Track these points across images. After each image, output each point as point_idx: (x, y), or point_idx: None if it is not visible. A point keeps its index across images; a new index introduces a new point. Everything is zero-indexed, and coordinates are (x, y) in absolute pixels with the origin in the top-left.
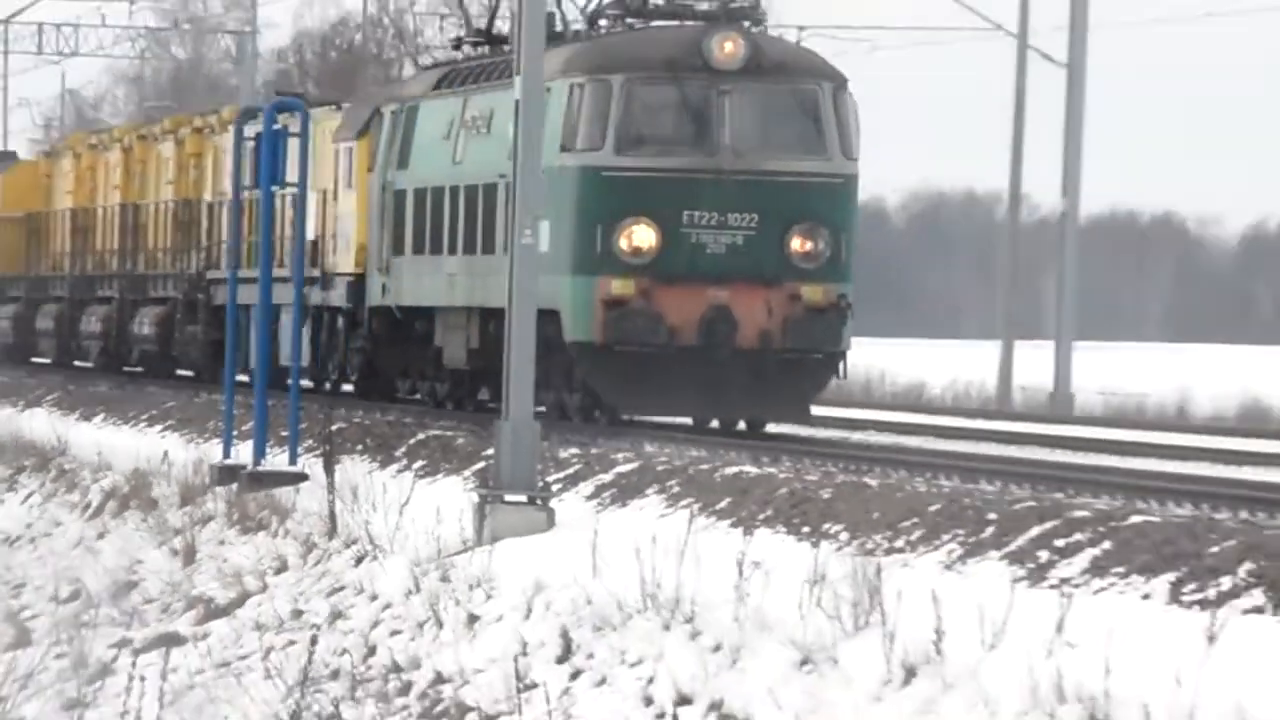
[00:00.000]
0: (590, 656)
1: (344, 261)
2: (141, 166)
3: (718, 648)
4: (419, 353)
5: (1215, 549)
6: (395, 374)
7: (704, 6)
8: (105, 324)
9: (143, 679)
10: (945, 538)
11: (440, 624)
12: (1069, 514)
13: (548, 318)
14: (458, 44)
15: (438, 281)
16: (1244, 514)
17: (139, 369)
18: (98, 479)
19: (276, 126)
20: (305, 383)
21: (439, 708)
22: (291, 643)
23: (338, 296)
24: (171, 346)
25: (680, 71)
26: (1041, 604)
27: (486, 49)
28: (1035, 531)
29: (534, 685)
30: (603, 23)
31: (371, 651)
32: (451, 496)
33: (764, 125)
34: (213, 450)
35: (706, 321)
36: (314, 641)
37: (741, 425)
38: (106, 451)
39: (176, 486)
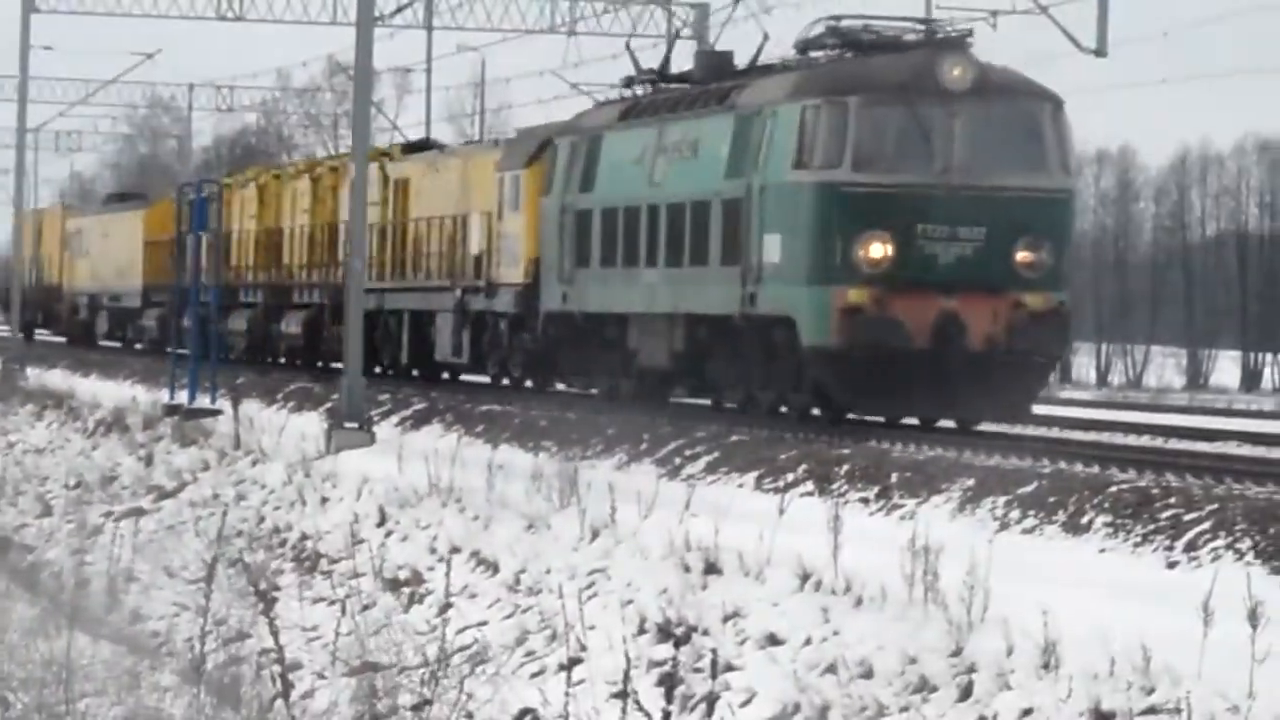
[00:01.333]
0: (398, 523)
1: (510, 273)
2: (276, 200)
3: (476, 518)
4: (602, 354)
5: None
6: (570, 371)
7: (912, 38)
8: (250, 323)
9: (121, 536)
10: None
11: (304, 503)
12: None
13: (777, 324)
14: (629, 83)
15: (633, 291)
16: None
17: (279, 360)
18: (93, 413)
19: (204, 194)
20: (469, 377)
21: (304, 554)
22: (212, 514)
23: (504, 303)
24: (320, 343)
25: (913, 93)
26: (677, 490)
27: (648, 84)
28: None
29: (362, 540)
30: (816, 54)
31: (262, 520)
32: (311, 424)
33: (991, 144)
34: (165, 395)
35: (937, 326)
36: (225, 514)
37: (950, 423)
38: (98, 395)
39: (141, 417)
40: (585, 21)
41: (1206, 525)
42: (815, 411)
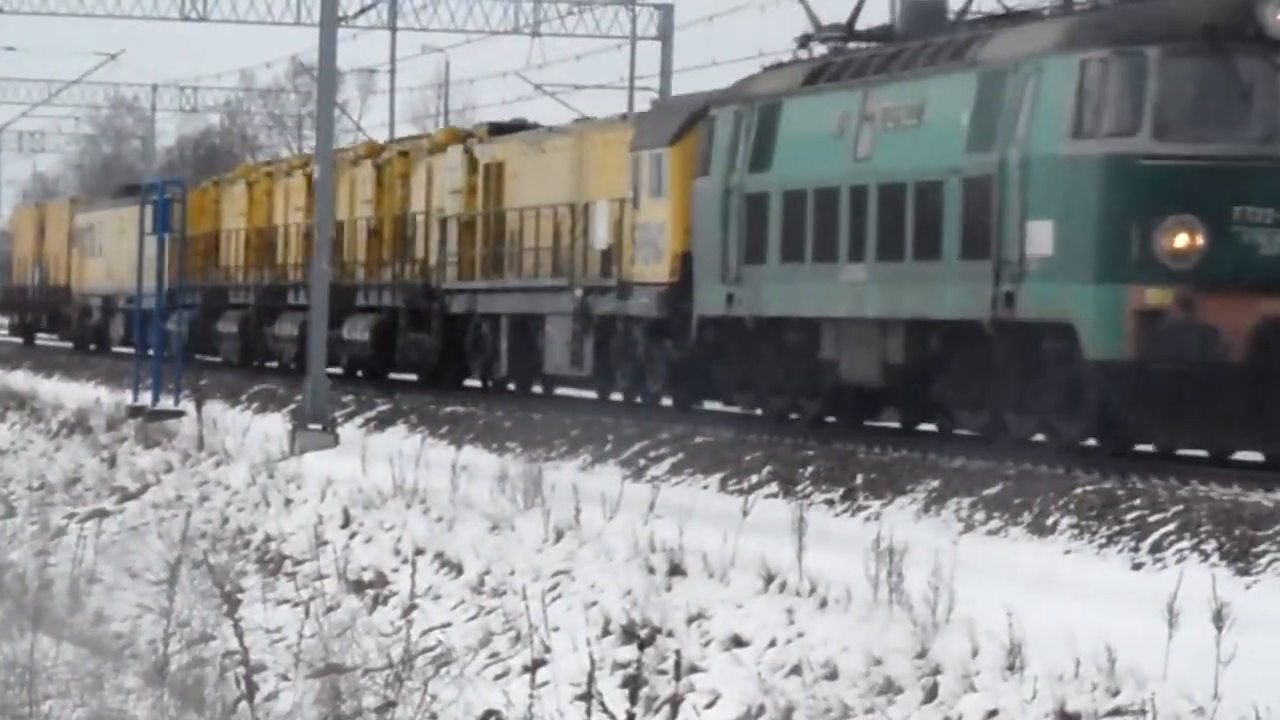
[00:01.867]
0: (362, 524)
1: (650, 271)
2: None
3: (440, 519)
4: (780, 368)
5: None
6: (732, 388)
7: None
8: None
9: (84, 537)
10: (583, 450)
11: (269, 504)
12: None
13: (1047, 332)
14: (805, 41)
15: (830, 291)
16: None
17: (337, 370)
18: (56, 414)
19: (166, 196)
20: (580, 392)
21: (268, 556)
22: (176, 515)
23: (641, 306)
24: (394, 351)
25: (1228, 41)
26: (641, 492)
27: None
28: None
29: (326, 542)
30: None
31: (226, 521)
32: (275, 425)
33: None
34: (129, 396)
35: (1258, 335)
36: (189, 515)
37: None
38: (61, 396)
39: (105, 419)
40: (549, 23)
41: (1172, 527)
42: (1091, 441)
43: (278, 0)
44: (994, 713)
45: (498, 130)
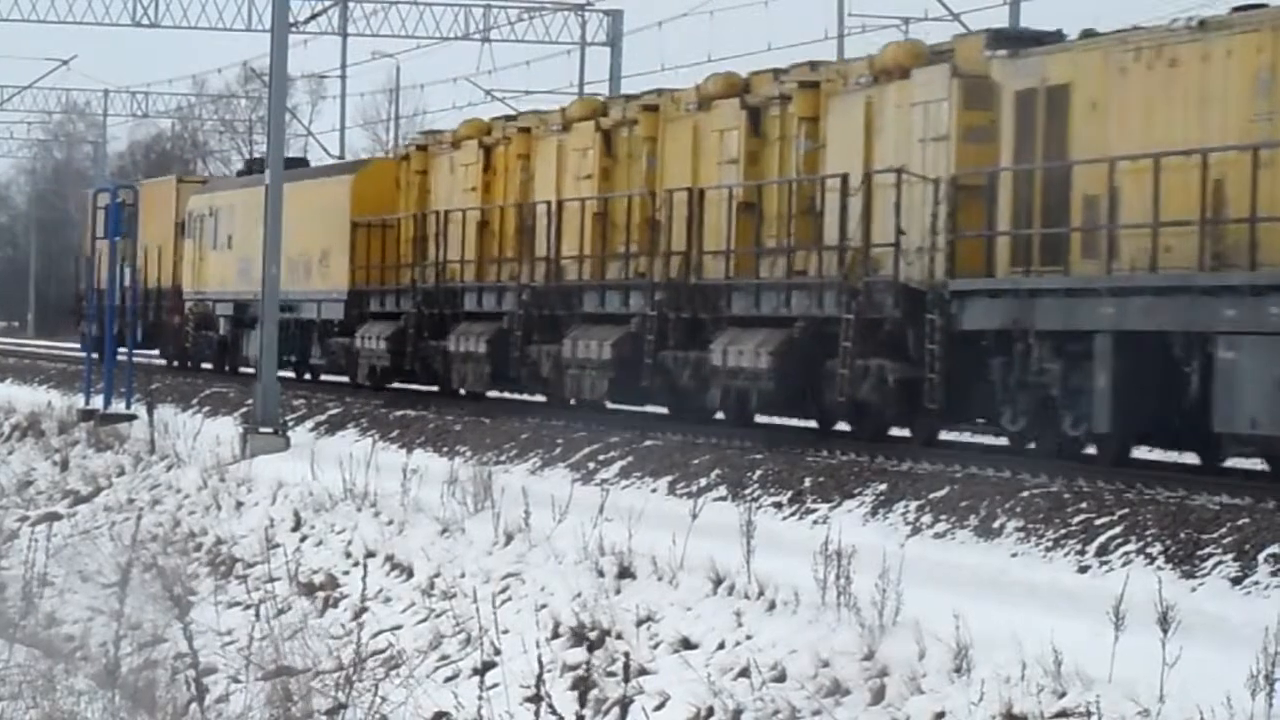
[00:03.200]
0: (313, 528)
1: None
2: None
3: (391, 522)
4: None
5: None
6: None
7: None
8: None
9: (36, 540)
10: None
11: (219, 507)
12: None
13: None
14: None
15: None
16: None
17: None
18: (8, 418)
19: (119, 200)
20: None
21: (219, 559)
22: (127, 519)
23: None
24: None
25: None
26: (591, 495)
27: None
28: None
29: (278, 545)
30: None
31: (177, 524)
32: (226, 428)
33: None
34: (80, 400)
35: None
36: (140, 518)
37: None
38: (13, 400)
39: (56, 423)
40: (499, 29)
41: (1118, 530)
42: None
43: (229, 6)
44: (941, 714)
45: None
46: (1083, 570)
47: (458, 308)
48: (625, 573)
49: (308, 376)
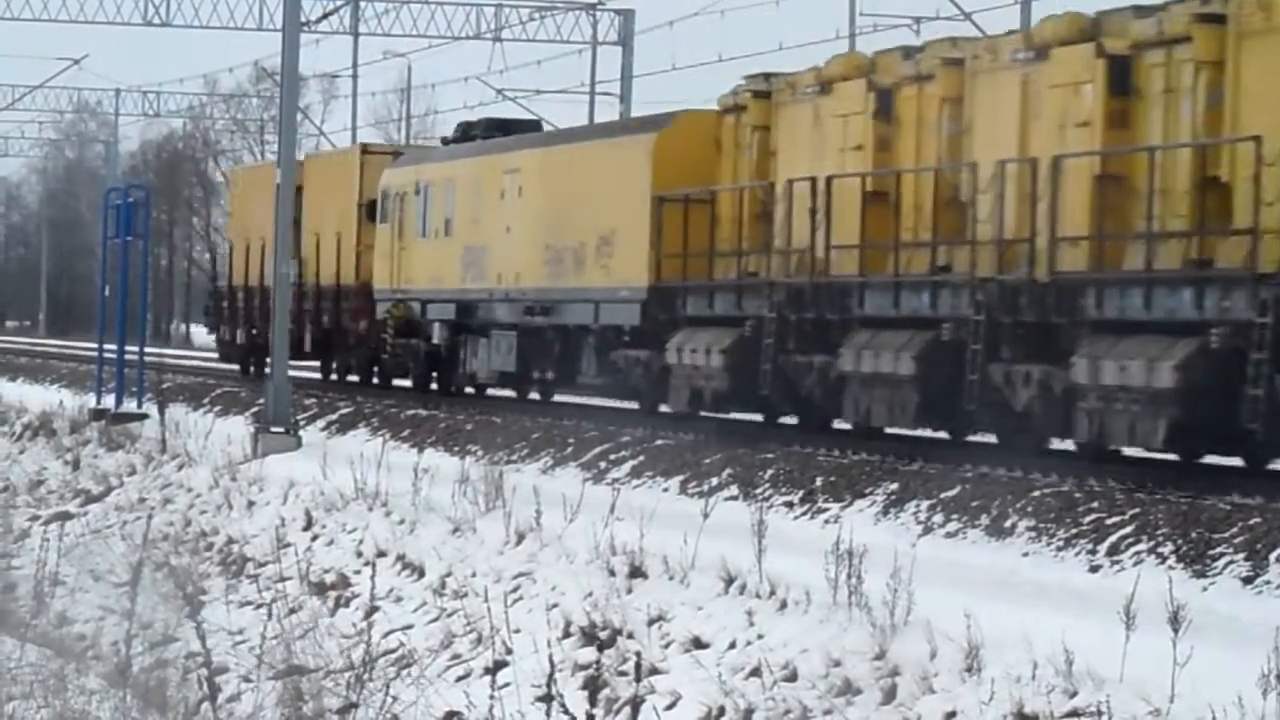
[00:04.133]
0: (324, 527)
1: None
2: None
3: (402, 521)
4: None
5: None
6: None
7: None
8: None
9: (47, 540)
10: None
11: (231, 506)
12: None
13: None
14: None
15: None
16: None
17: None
18: (20, 417)
19: (130, 199)
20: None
21: (230, 558)
22: (139, 518)
23: None
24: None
25: None
26: (602, 494)
27: None
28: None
29: (288, 544)
30: None
31: (188, 524)
32: (238, 428)
33: None
34: (91, 399)
35: None
36: (151, 518)
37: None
38: (25, 400)
39: (68, 422)
40: (510, 29)
41: (1129, 529)
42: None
43: (240, 5)
44: (952, 714)
45: None
46: (1094, 570)
47: (846, 312)
48: (636, 572)
49: (586, 400)
